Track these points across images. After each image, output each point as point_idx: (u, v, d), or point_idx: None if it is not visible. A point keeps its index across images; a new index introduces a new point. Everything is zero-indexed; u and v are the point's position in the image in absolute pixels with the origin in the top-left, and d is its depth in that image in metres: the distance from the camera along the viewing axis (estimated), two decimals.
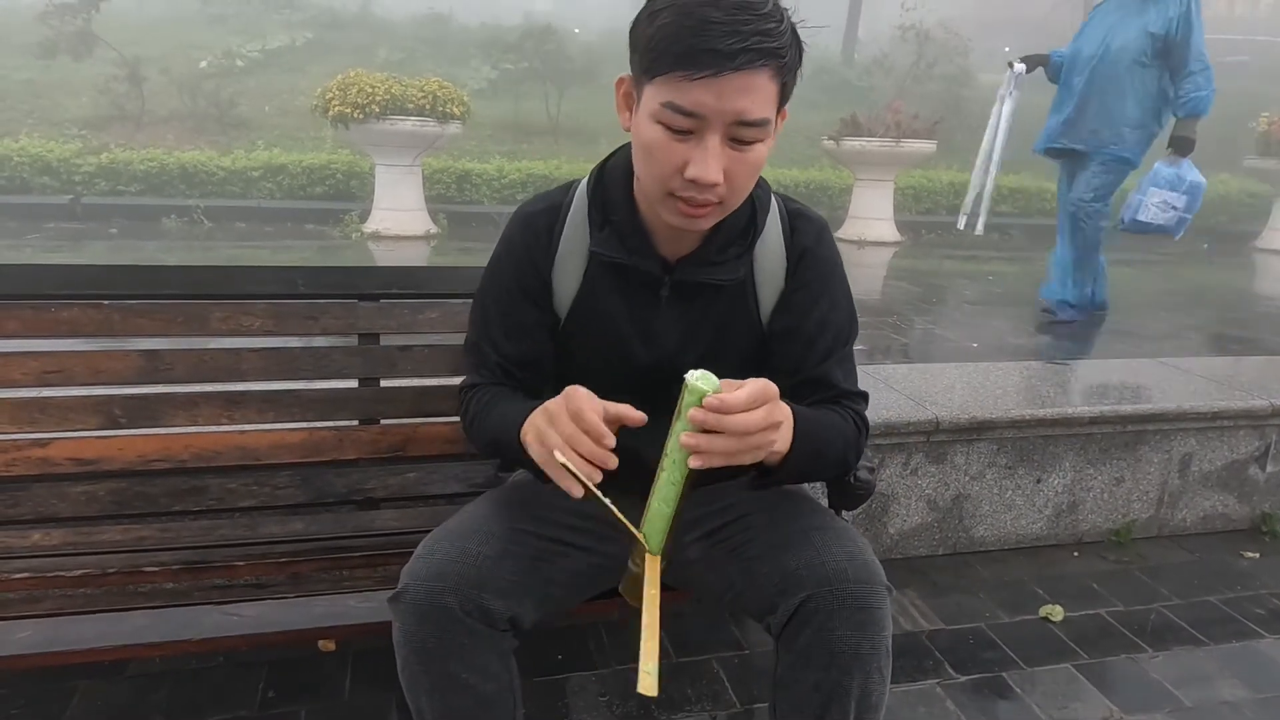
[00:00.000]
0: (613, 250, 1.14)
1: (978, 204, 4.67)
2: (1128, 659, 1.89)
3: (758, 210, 1.17)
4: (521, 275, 1.19)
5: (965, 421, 2.19)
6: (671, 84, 0.97)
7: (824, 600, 1.03)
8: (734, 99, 0.96)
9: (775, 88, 0.99)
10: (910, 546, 2.29)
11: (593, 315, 1.19)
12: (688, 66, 0.95)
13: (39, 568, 1.38)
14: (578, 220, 1.18)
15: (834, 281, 1.22)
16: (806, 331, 1.19)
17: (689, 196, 1.02)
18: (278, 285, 1.59)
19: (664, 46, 0.96)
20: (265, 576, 1.42)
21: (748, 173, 1.03)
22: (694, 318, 1.18)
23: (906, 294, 5.65)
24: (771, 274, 1.20)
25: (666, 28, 0.96)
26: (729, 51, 0.93)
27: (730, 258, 1.15)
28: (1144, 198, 3.78)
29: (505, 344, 1.21)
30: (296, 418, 1.58)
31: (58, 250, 5.99)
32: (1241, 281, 7.66)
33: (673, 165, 1.01)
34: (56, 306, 1.47)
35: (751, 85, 0.96)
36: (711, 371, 0.99)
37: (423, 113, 6.69)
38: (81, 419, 1.49)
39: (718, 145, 0.99)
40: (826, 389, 1.20)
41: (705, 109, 0.97)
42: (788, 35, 0.98)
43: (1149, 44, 3.72)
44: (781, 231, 1.20)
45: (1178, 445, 2.43)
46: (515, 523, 1.15)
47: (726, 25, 0.93)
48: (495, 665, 1.07)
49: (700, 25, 0.94)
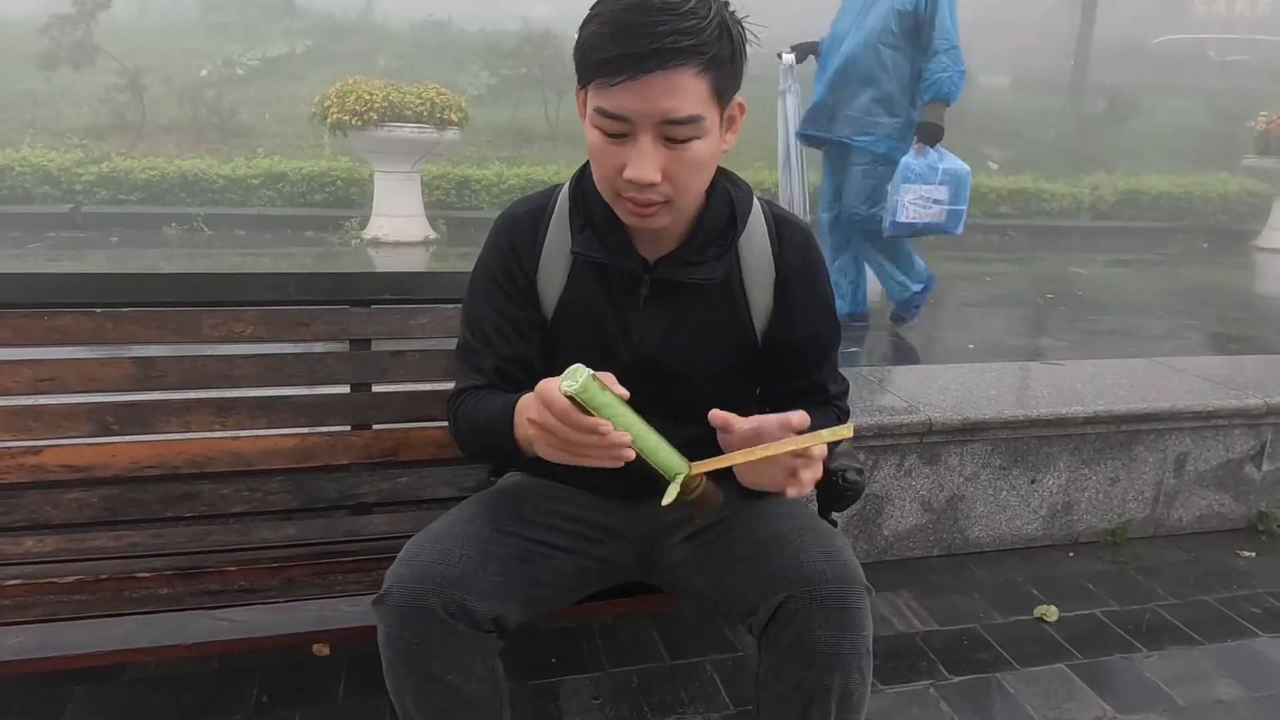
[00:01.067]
0: (593, 250, 1.17)
1: (797, 205, 4.28)
2: (1122, 659, 1.89)
3: (737, 212, 1.19)
4: (509, 274, 1.21)
5: (959, 423, 2.20)
6: (599, 90, 1.01)
7: (803, 601, 1.04)
8: (658, 99, 0.99)
9: (704, 84, 1.01)
10: (904, 548, 2.29)
11: (577, 314, 1.21)
12: (608, 72, 0.98)
13: (32, 574, 1.39)
14: (560, 222, 1.21)
15: (821, 291, 1.26)
16: (799, 345, 1.24)
17: (632, 196, 1.05)
18: (269, 292, 1.60)
19: (588, 55, 1.01)
20: (258, 581, 1.42)
21: (689, 170, 1.05)
22: (675, 318, 1.19)
23: None
24: (760, 276, 1.22)
25: (591, 37, 1.00)
26: (644, 53, 0.96)
27: (709, 258, 1.17)
28: (899, 197, 3.41)
29: (499, 342, 1.21)
30: (289, 423, 1.59)
31: (59, 259, 6.02)
32: (1240, 281, 7.65)
33: (613, 167, 1.05)
34: (49, 314, 1.48)
35: (675, 84, 0.98)
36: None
37: (421, 119, 6.72)
38: (74, 426, 1.50)
39: (650, 145, 1.02)
40: (819, 393, 1.27)
41: (631, 111, 1.00)
42: (711, 31, 0.99)
43: (897, 22, 3.43)
44: (768, 235, 1.22)
45: (1173, 445, 2.43)
46: (500, 524, 1.16)
47: (642, 28, 0.96)
48: (479, 666, 1.08)
49: (618, 31, 0.97)
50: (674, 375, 1.19)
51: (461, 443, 1.23)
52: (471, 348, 1.23)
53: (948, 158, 3.45)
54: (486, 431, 1.14)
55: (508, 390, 1.20)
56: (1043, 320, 5.09)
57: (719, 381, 1.22)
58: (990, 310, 5.28)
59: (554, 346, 1.24)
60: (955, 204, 3.44)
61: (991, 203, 10.15)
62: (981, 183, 10.25)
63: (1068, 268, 7.52)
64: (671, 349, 1.19)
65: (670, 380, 1.18)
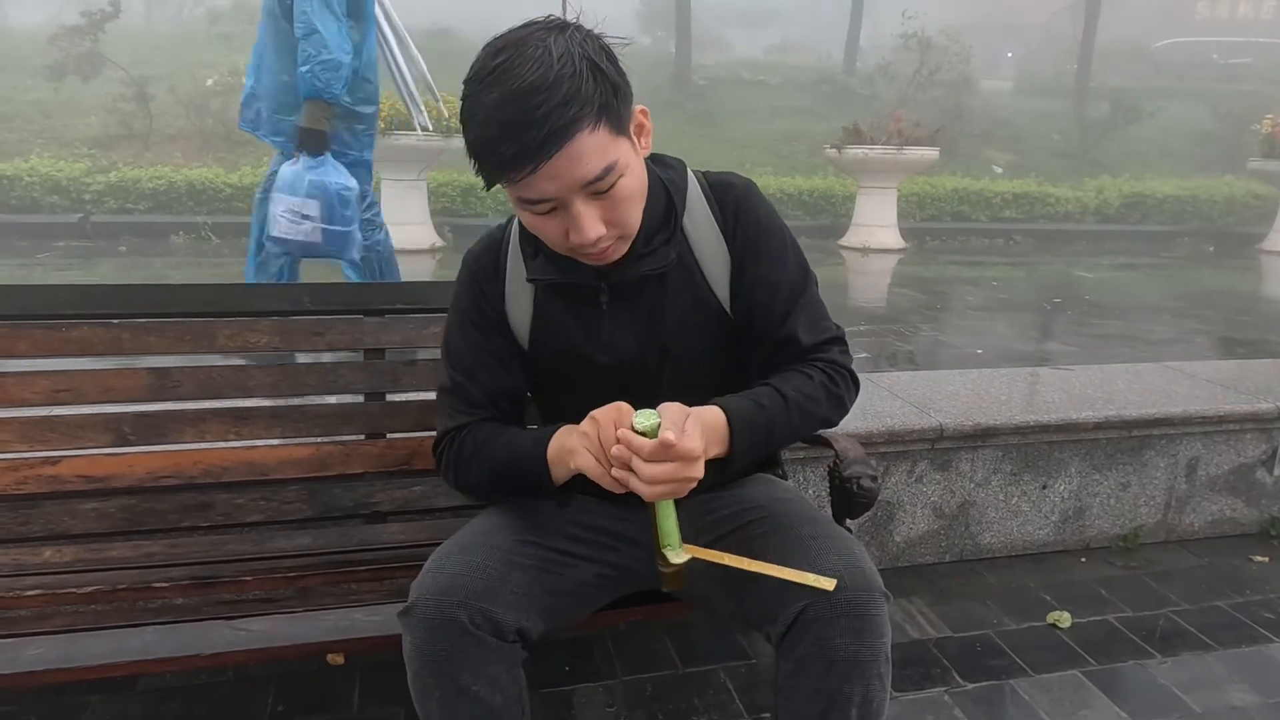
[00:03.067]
0: (547, 274, 1.18)
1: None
2: (1136, 665, 1.88)
3: (673, 195, 1.19)
4: (481, 311, 1.23)
5: (970, 428, 2.19)
6: (512, 184, 1.01)
7: (822, 608, 1.04)
8: (567, 173, 0.98)
9: (603, 133, 0.99)
10: (916, 554, 2.29)
11: (551, 337, 1.22)
12: (511, 169, 0.98)
13: (50, 584, 1.40)
14: (515, 253, 1.22)
15: (773, 240, 1.20)
16: (761, 299, 1.19)
17: (586, 251, 1.07)
18: (284, 302, 1.61)
19: (485, 159, 1.00)
20: (273, 591, 1.43)
21: (626, 207, 1.06)
22: (642, 314, 1.19)
23: (911, 301, 5.66)
24: (711, 250, 1.20)
25: (478, 142, 0.99)
26: (535, 144, 0.95)
27: (656, 246, 1.17)
28: (273, 208, 2.80)
29: (484, 377, 1.22)
30: (303, 433, 1.60)
31: (68, 268, 6.04)
32: (1247, 284, 7.64)
33: (558, 234, 1.06)
34: (67, 326, 1.50)
35: (576, 152, 0.97)
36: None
37: (426, 127, 6.74)
38: (91, 437, 1.51)
39: (582, 208, 1.02)
40: (793, 347, 1.20)
41: (549, 193, 1.00)
42: (585, 83, 0.96)
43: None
44: (708, 206, 1.21)
45: (1184, 450, 2.43)
46: (521, 535, 1.17)
47: (522, 119, 0.94)
48: (504, 677, 1.08)
49: (502, 130, 0.96)
50: (657, 368, 1.20)
51: (462, 476, 1.20)
52: (458, 384, 1.22)
53: (322, 168, 2.79)
54: (509, 460, 1.15)
55: (502, 421, 1.22)
56: (1050, 325, 5.09)
57: (703, 364, 1.21)
58: (997, 314, 5.28)
59: (539, 371, 1.26)
60: (331, 223, 2.79)
61: (996, 207, 10.16)
62: (986, 187, 10.26)
63: (1073, 271, 7.52)
64: (648, 344, 1.20)
65: (655, 373, 1.19)
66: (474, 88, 0.99)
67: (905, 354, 4.03)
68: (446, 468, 1.22)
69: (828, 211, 9.34)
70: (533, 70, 0.94)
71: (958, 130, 11.51)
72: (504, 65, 0.96)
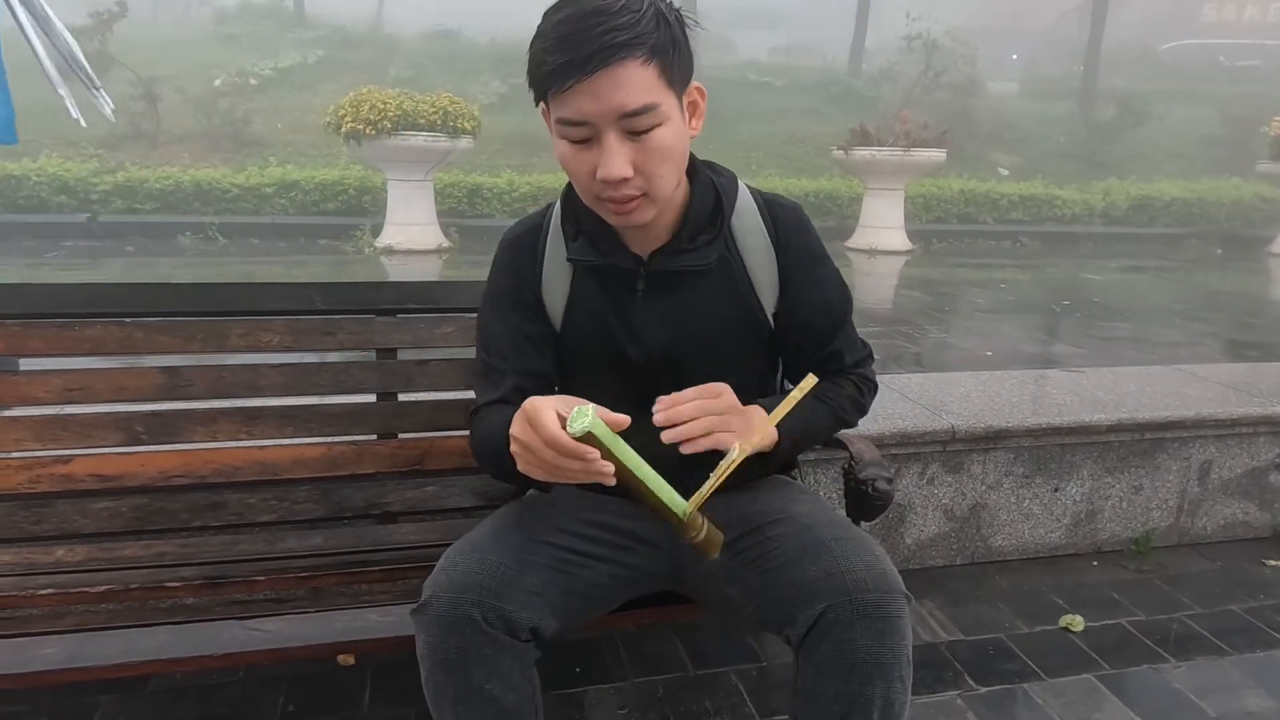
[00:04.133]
0: (587, 255, 1.20)
1: None
2: (1150, 669, 1.87)
3: (722, 195, 1.22)
4: (517, 292, 1.24)
5: (981, 430, 2.18)
6: (555, 101, 1.04)
7: (844, 610, 1.03)
8: (608, 96, 1.01)
9: (652, 72, 1.03)
10: (928, 556, 2.28)
11: (584, 321, 1.23)
12: (557, 80, 1.01)
13: (63, 583, 1.39)
14: (556, 235, 1.24)
15: (823, 264, 1.28)
16: (807, 319, 1.26)
17: (610, 196, 1.08)
18: (296, 302, 1.61)
19: (537, 69, 1.04)
20: (285, 591, 1.43)
21: (657, 159, 1.07)
22: (677, 309, 1.21)
23: (919, 303, 5.64)
24: (760, 258, 1.24)
25: (536, 53, 1.04)
26: (585, 55, 0.99)
27: (701, 244, 1.20)
28: None
29: (515, 358, 1.23)
30: (315, 432, 1.60)
31: (75, 268, 6.06)
32: (1256, 287, 7.61)
33: (585, 173, 1.07)
34: (79, 325, 1.49)
35: (622, 78, 1.00)
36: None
37: (434, 128, 6.76)
38: (103, 436, 1.50)
39: (615, 142, 1.04)
40: (835, 362, 1.31)
41: (588, 114, 1.02)
42: (647, 22, 1.01)
43: None
44: (759, 214, 1.25)
45: (1196, 452, 2.42)
46: (535, 534, 1.16)
47: (578, 34, 0.99)
48: (518, 676, 1.07)
49: (559, 41, 1.00)
50: (685, 364, 1.20)
51: (478, 459, 1.24)
52: (490, 366, 1.24)
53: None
54: (492, 450, 1.14)
55: None
56: (1059, 327, 5.08)
57: (732, 366, 1.22)
58: (1005, 317, 5.27)
59: (567, 356, 1.26)
60: None
61: (1003, 209, 10.14)
62: (993, 189, 10.25)
63: (1081, 274, 7.50)
64: (679, 339, 1.21)
65: (682, 369, 1.19)
66: (547, 11, 1.04)
67: (914, 355, 4.02)
68: (474, 453, 1.25)
69: (834, 213, 9.34)
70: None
71: (964, 132, 11.50)
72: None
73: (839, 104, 13.76)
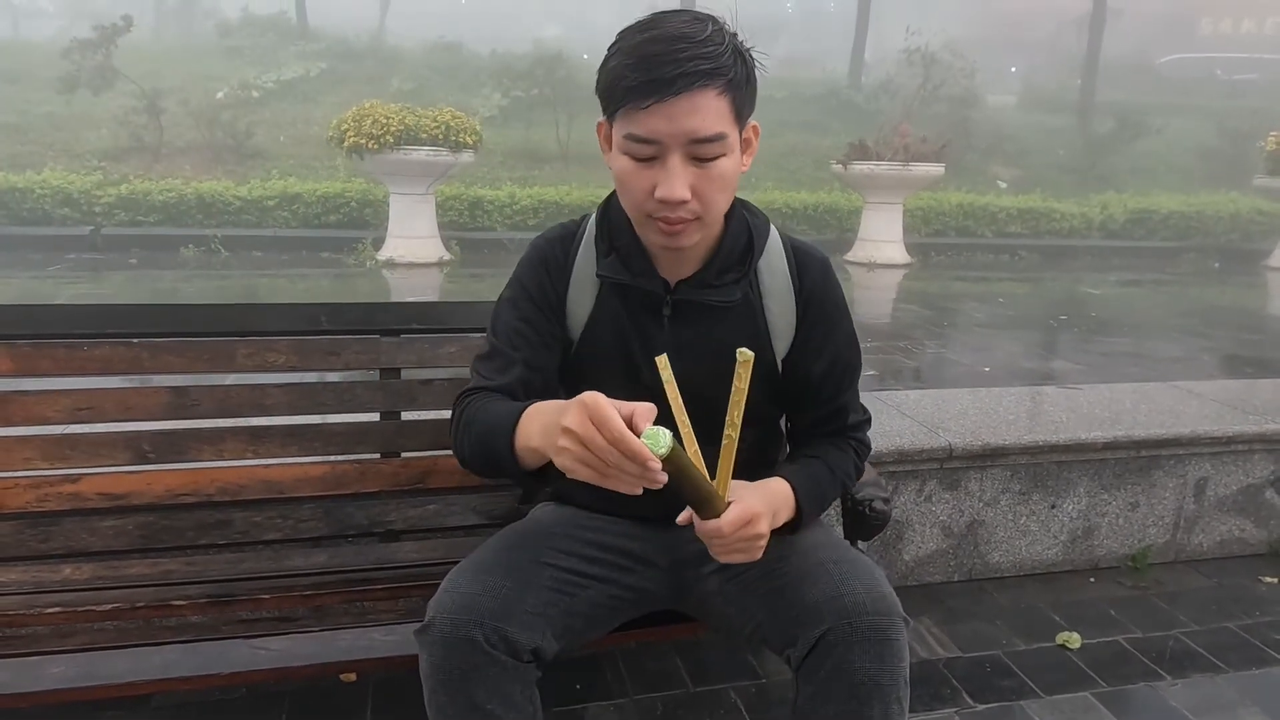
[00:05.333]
0: (617, 273, 1.22)
1: None
2: (1147, 687, 1.88)
3: (754, 237, 1.24)
4: (542, 290, 1.25)
5: (979, 448, 2.20)
6: (628, 117, 1.07)
7: (843, 633, 1.05)
8: (683, 120, 1.04)
9: (725, 104, 1.07)
10: (925, 573, 2.29)
11: (603, 336, 1.24)
12: (636, 98, 1.04)
13: (70, 602, 1.41)
14: (588, 248, 1.26)
15: (842, 319, 1.30)
16: (820, 372, 1.27)
17: (663, 216, 1.10)
18: (301, 322, 1.63)
19: (615, 84, 1.06)
20: (289, 609, 1.44)
21: (716, 187, 1.10)
22: (697, 341, 1.22)
23: (917, 317, 5.67)
24: (781, 304, 1.25)
25: (616, 69, 1.06)
26: (669, 78, 1.02)
27: (728, 282, 1.22)
28: None
29: (524, 348, 1.23)
30: (319, 451, 1.62)
31: (79, 281, 6.08)
32: (1254, 301, 7.63)
33: (643, 190, 1.09)
34: (89, 345, 1.52)
35: (698, 105, 1.04)
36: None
37: (436, 142, 6.80)
38: (111, 455, 1.52)
39: (679, 165, 1.07)
40: (838, 420, 1.31)
41: (659, 133, 1.05)
42: (728, 55, 1.06)
43: None
44: (786, 260, 1.27)
45: (1192, 470, 2.43)
46: (537, 555, 1.18)
47: (665, 56, 1.03)
48: (519, 696, 1.09)
49: (642, 60, 1.04)
50: (698, 398, 1.20)
51: (457, 441, 1.20)
52: (497, 350, 1.24)
53: None
54: (487, 433, 1.12)
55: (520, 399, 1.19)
56: (1056, 342, 5.10)
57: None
58: (1003, 331, 5.29)
59: (579, 368, 1.27)
60: None
61: (1001, 222, 10.18)
62: (991, 202, 10.29)
63: (1079, 287, 7.53)
64: (696, 372, 1.19)
65: (694, 403, 1.20)
66: (626, 30, 1.08)
67: (912, 371, 4.04)
68: (453, 433, 1.21)
69: (833, 226, 9.38)
70: (687, 25, 1.05)
71: (963, 145, 11.55)
72: (661, 16, 1.07)
73: (838, 116, 13.83)
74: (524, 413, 1.08)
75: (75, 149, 9.64)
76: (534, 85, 11.46)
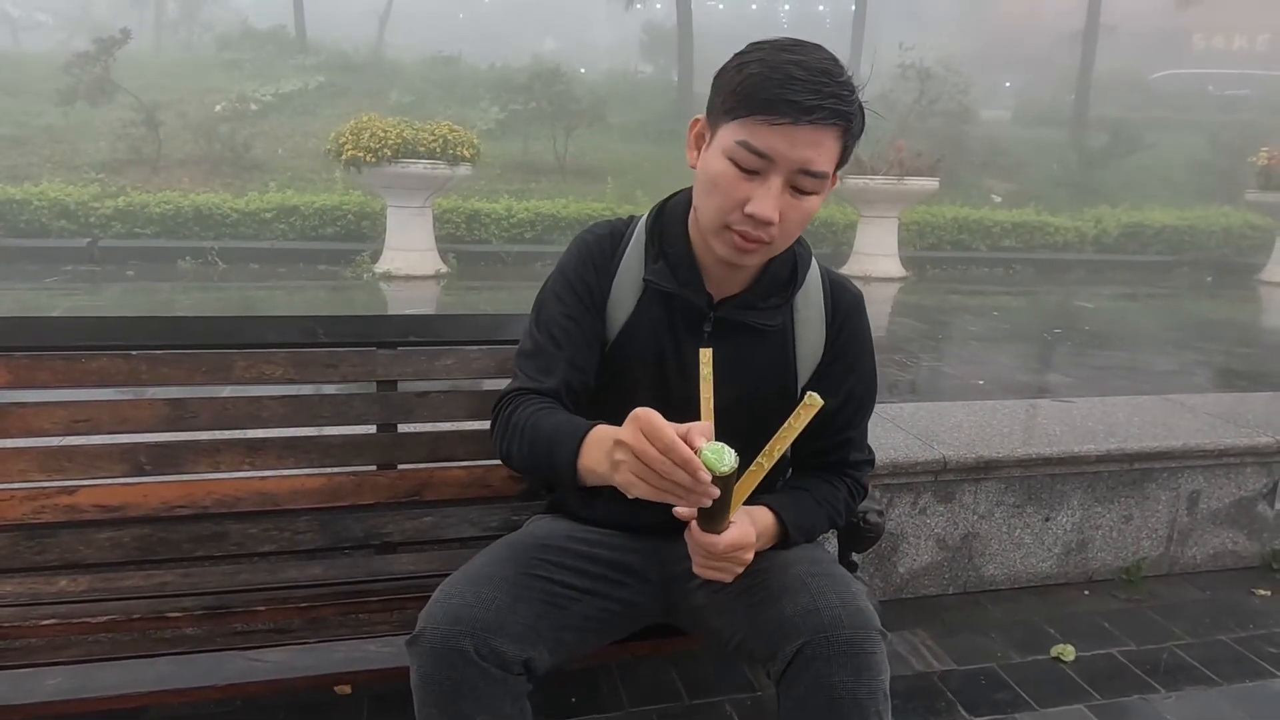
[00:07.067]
0: (664, 281, 1.22)
1: None
2: (1141, 699, 1.88)
3: (799, 265, 1.26)
4: (586, 284, 1.25)
5: (973, 461, 2.21)
6: (750, 126, 1.07)
7: (820, 647, 1.06)
8: (803, 149, 1.07)
9: (838, 148, 1.10)
10: (920, 586, 2.30)
11: (640, 342, 1.25)
12: (769, 112, 1.06)
13: (65, 614, 1.41)
14: (636, 251, 1.26)
15: (865, 357, 1.32)
16: (833, 406, 1.26)
17: (744, 230, 1.11)
18: (298, 334, 1.63)
19: (750, 92, 1.07)
20: (285, 621, 1.44)
21: (799, 219, 1.12)
22: (731, 359, 1.21)
23: (912, 330, 5.69)
24: (812, 327, 1.28)
25: (754, 77, 1.07)
26: (807, 106, 1.05)
27: (771, 306, 1.24)
28: None
29: (569, 346, 1.23)
30: (316, 463, 1.62)
31: (76, 293, 6.08)
32: (1246, 315, 7.67)
33: (735, 199, 1.10)
34: (86, 357, 1.52)
35: (819, 140, 1.07)
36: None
37: (434, 155, 6.83)
38: (108, 466, 1.52)
39: (779, 187, 1.09)
40: (839, 453, 1.32)
41: (776, 153, 1.07)
42: (856, 105, 1.09)
43: None
44: (823, 291, 1.29)
45: (1185, 483, 2.45)
46: (530, 568, 1.18)
47: (808, 83, 1.05)
48: (509, 708, 1.09)
49: (785, 79, 1.05)
50: (723, 414, 1.20)
51: (504, 441, 1.19)
52: (541, 349, 1.24)
53: None
54: (547, 442, 1.12)
55: (566, 407, 1.19)
56: (1051, 355, 5.12)
57: (762, 425, 1.23)
58: (998, 344, 5.31)
59: (612, 372, 1.26)
60: None
61: (996, 236, 10.24)
62: (986, 216, 10.35)
63: (1073, 301, 7.56)
64: (724, 390, 1.18)
65: (719, 419, 1.20)
66: (765, 44, 1.09)
67: (908, 384, 4.05)
68: (498, 432, 1.21)
69: (829, 240, 9.42)
70: (830, 62, 1.08)
71: (957, 159, 11.63)
72: (803, 44, 1.09)
73: None
74: (589, 434, 1.08)
75: (73, 161, 9.66)
76: (531, 99, 11.50)
